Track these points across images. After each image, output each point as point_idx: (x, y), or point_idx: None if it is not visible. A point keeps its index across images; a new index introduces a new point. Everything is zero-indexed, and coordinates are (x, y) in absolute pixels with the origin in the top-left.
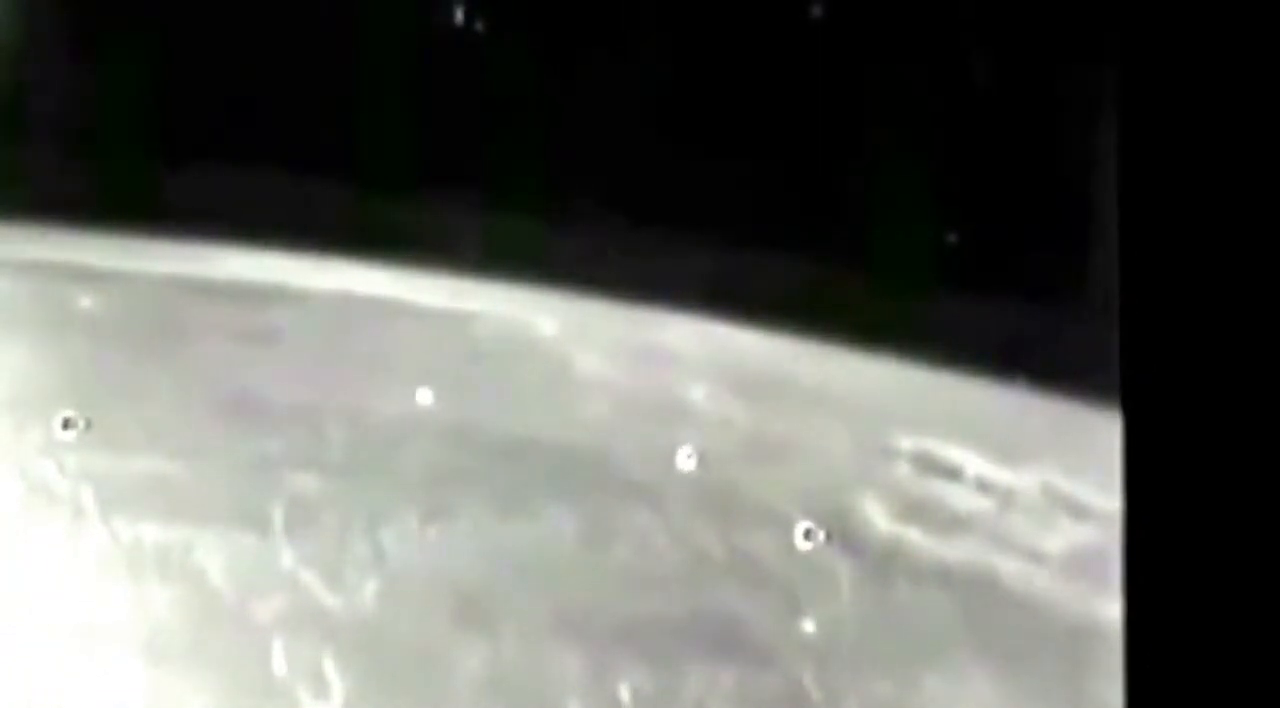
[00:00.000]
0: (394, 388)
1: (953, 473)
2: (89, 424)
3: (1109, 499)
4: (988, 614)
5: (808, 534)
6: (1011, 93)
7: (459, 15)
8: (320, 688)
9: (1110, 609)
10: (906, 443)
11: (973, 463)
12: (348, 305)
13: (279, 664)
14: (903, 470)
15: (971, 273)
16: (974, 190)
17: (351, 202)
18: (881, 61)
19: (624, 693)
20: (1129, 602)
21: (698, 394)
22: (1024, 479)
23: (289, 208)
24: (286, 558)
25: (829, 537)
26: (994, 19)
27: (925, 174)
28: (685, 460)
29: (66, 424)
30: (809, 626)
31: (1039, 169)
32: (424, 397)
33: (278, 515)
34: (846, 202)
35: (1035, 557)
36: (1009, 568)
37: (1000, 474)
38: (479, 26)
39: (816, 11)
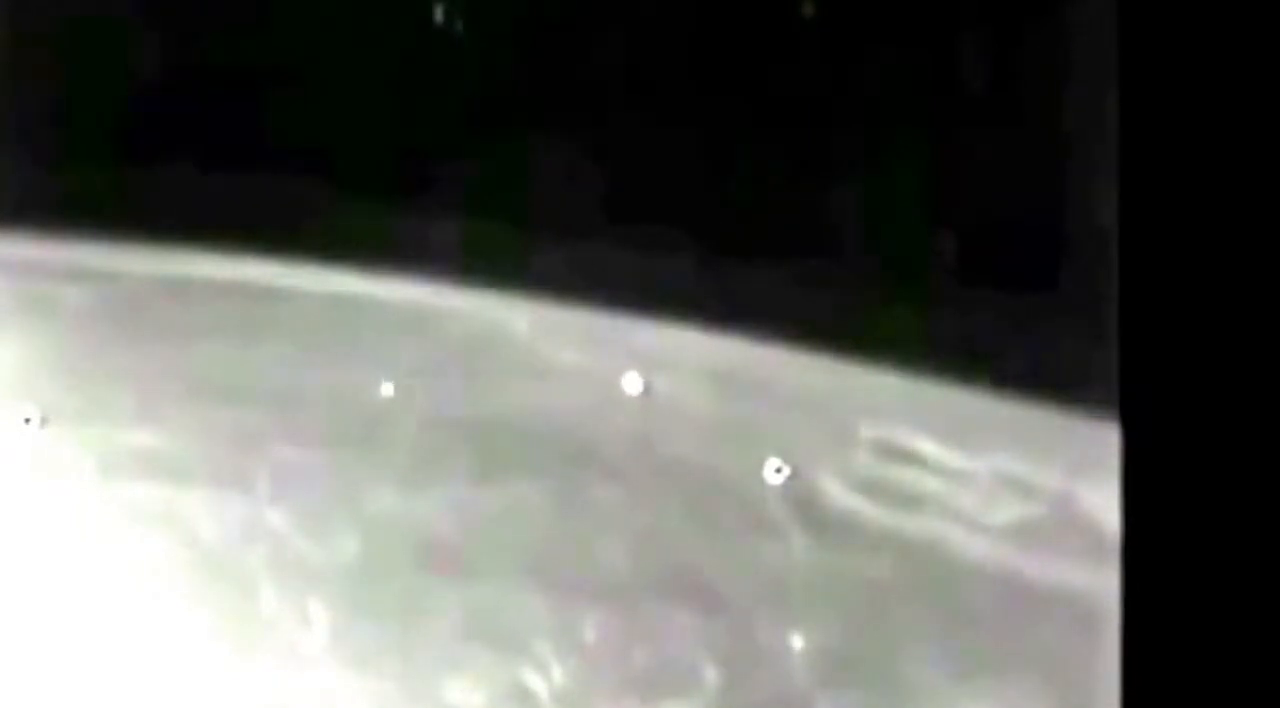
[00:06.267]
0: (371, 375)
1: (910, 458)
2: (45, 421)
3: (1055, 480)
4: (932, 574)
5: (778, 470)
6: (1007, 94)
7: (438, 15)
8: (306, 625)
9: (1045, 572)
10: (869, 432)
11: (930, 450)
12: (326, 301)
13: (267, 605)
14: (863, 455)
15: (956, 277)
16: (964, 194)
17: (330, 204)
18: (870, 61)
19: (588, 635)
20: (1127, 605)
21: (667, 386)
22: (977, 464)
23: (269, 210)
24: (271, 517)
25: (794, 474)
26: (989, 19)
27: (911, 176)
28: (652, 441)
29: (27, 421)
30: (764, 582)
31: (1033, 173)
32: (400, 383)
33: (262, 481)
34: (827, 205)
35: (981, 528)
36: (956, 537)
37: (955, 459)
38: (458, 26)
39: (807, 10)
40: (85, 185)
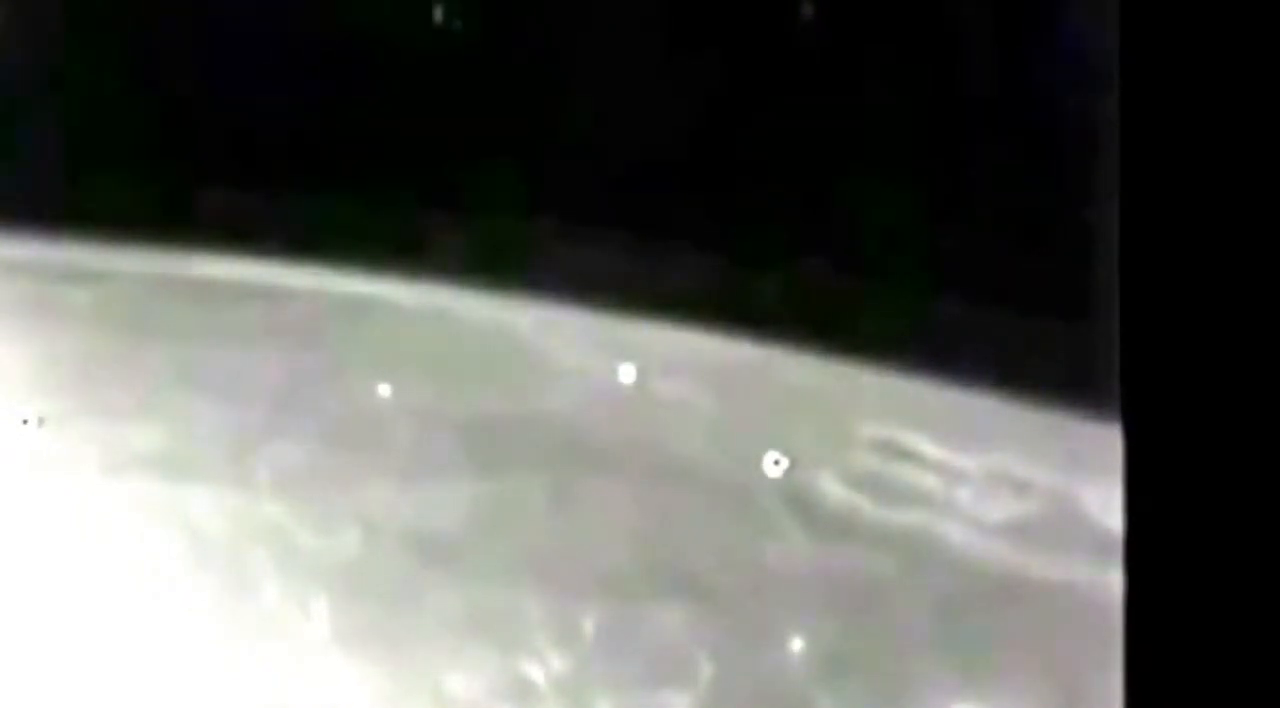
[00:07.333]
0: (371, 373)
1: (909, 456)
2: (43, 419)
3: (1054, 479)
4: (931, 572)
5: (776, 462)
6: (1007, 94)
7: (438, 15)
8: (308, 618)
9: (1043, 570)
10: (869, 431)
11: (929, 449)
12: (326, 301)
13: (268, 599)
14: (862, 453)
15: (956, 280)
16: (965, 196)
17: (332, 207)
18: (872, 63)
19: (586, 628)
20: (1130, 604)
21: (668, 386)
22: (975, 462)
23: (269, 214)
24: (273, 513)
25: (793, 471)
26: (990, 22)
27: (912, 177)
28: (651, 439)
29: (26, 420)
30: (762, 575)
31: (1033, 173)
32: (399, 381)
33: (264, 477)
34: (827, 208)
35: (979, 526)
36: (954, 534)
37: (954, 458)
38: (457, 26)
39: (807, 13)
40: (93, 192)
